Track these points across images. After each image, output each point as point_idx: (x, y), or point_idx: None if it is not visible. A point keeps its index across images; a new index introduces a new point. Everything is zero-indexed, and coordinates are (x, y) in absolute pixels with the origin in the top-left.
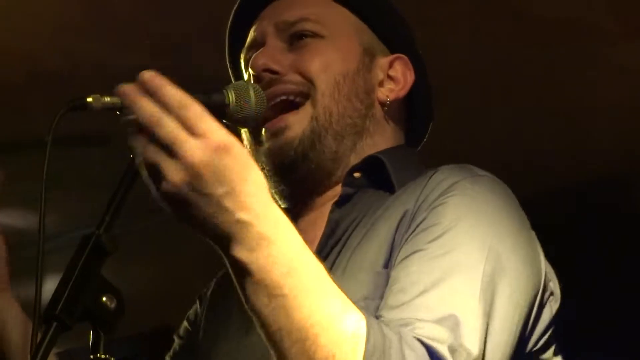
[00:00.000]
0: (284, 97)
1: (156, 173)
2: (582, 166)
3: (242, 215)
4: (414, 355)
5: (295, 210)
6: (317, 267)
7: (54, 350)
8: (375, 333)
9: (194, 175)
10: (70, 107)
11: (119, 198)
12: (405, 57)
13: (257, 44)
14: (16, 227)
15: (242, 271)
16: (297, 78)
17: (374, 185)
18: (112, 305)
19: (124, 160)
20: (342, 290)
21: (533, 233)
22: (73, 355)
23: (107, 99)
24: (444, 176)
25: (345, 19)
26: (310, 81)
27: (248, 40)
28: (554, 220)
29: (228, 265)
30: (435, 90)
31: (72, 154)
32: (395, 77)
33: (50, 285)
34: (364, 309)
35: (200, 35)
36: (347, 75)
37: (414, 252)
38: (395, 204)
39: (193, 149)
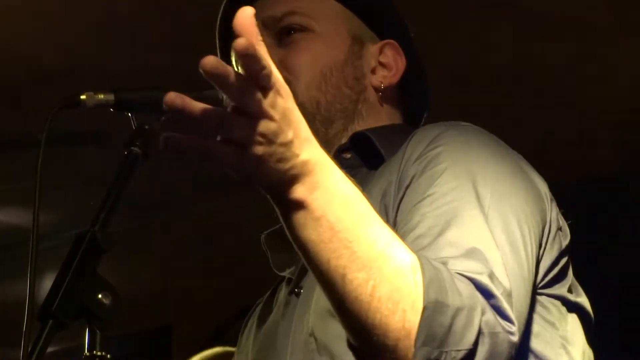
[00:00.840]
0: None
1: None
2: (582, 163)
3: (305, 156)
4: (464, 286)
5: None
6: (366, 203)
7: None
8: (429, 265)
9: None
10: (64, 105)
11: (114, 195)
12: (394, 43)
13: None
14: (14, 225)
15: (303, 211)
16: (284, 75)
17: (367, 164)
18: (108, 302)
19: (119, 157)
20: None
21: (529, 165)
22: None
23: (101, 96)
24: (425, 131)
25: (332, 9)
26: (295, 77)
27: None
28: None
29: (283, 211)
30: (436, 89)
31: (67, 152)
32: (386, 63)
33: (47, 283)
34: None
35: (202, 33)
36: (334, 67)
37: (419, 201)
38: (383, 172)
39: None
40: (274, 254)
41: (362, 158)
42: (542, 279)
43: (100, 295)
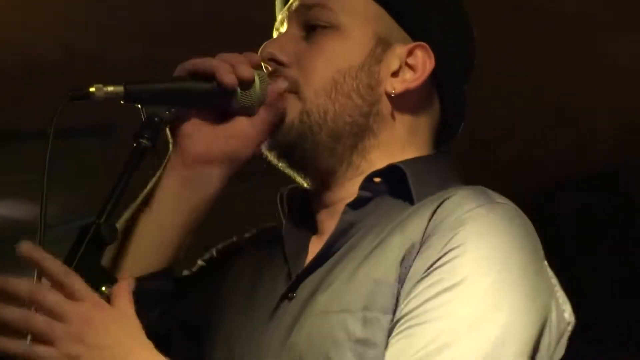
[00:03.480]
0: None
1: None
2: (580, 161)
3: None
4: None
5: (316, 199)
6: None
7: None
8: None
9: (83, 331)
10: (73, 97)
11: (121, 187)
12: (426, 45)
13: (279, 26)
14: (12, 218)
15: None
16: (293, 73)
17: (394, 193)
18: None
19: (123, 149)
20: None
21: (545, 264)
22: None
23: (110, 88)
24: (457, 201)
25: (363, 5)
26: (306, 80)
27: (279, 17)
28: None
29: None
30: None
31: (70, 144)
32: (414, 66)
33: None
34: (368, 321)
35: (201, 25)
36: (348, 72)
37: (421, 310)
38: (409, 221)
39: (78, 310)
40: (288, 239)
41: (389, 185)
42: None
43: (104, 288)
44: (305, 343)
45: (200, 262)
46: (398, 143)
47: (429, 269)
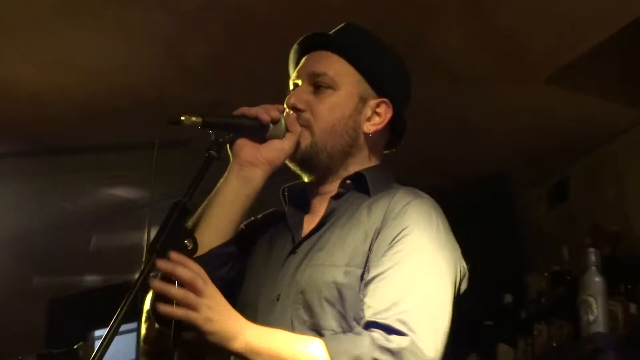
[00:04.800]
0: None
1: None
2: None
3: (234, 322)
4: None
5: (311, 189)
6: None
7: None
8: (332, 340)
9: (213, 304)
10: (171, 122)
11: (198, 179)
12: (388, 101)
13: (296, 82)
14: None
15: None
16: (307, 116)
17: (358, 189)
18: (191, 246)
19: (200, 158)
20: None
21: (452, 236)
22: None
23: (194, 118)
24: (402, 195)
25: (351, 75)
26: (315, 120)
27: (294, 75)
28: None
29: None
30: None
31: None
32: (380, 114)
33: (154, 232)
34: (347, 272)
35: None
36: (341, 120)
37: (382, 273)
38: (371, 207)
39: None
40: (290, 216)
41: (355, 185)
42: None
43: (186, 241)
44: (306, 282)
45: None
46: (365, 159)
47: (390, 242)
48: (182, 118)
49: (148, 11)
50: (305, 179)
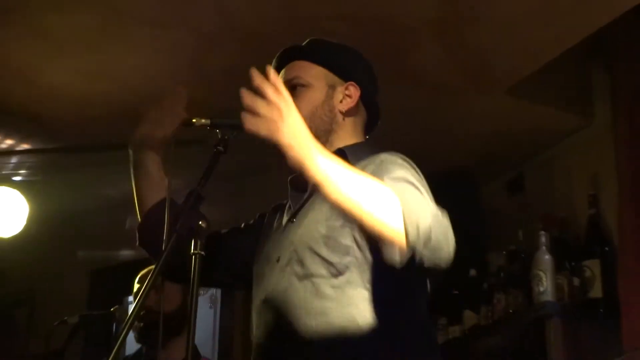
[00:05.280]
0: None
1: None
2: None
3: (311, 149)
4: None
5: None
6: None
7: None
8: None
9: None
10: (185, 124)
11: (208, 172)
12: (354, 83)
13: None
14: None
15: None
16: None
17: None
18: (204, 226)
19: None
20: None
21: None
22: None
23: (203, 120)
24: (382, 157)
25: (317, 72)
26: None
27: None
28: None
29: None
30: None
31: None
32: (350, 95)
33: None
34: (329, 226)
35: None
36: (318, 107)
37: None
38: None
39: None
40: (292, 193)
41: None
42: None
43: (201, 222)
44: (298, 240)
45: (252, 221)
46: (348, 136)
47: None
48: (194, 120)
49: (174, 31)
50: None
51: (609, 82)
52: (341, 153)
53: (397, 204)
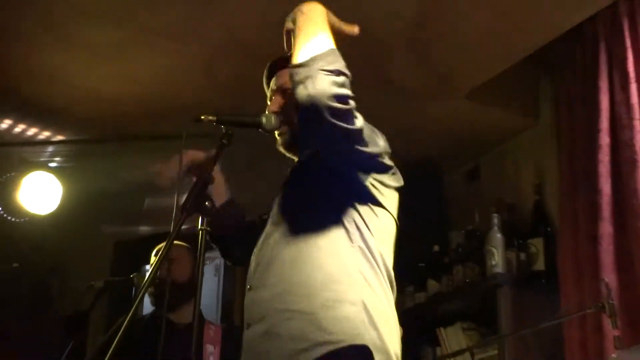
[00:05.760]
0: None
1: None
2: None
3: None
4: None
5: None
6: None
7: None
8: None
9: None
10: (194, 120)
11: (216, 160)
12: None
13: (271, 96)
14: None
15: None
16: (285, 116)
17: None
18: (210, 206)
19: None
20: None
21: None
22: None
23: (210, 117)
24: None
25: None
26: (289, 113)
27: (269, 92)
28: None
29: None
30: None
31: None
32: None
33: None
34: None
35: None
36: (289, 103)
37: None
38: None
39: None
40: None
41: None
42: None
43: (207, 203)
44: (278, 206)
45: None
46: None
47: None
48: (202, 117)
49: (190, 42)
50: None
51: (552, 89)
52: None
53: None
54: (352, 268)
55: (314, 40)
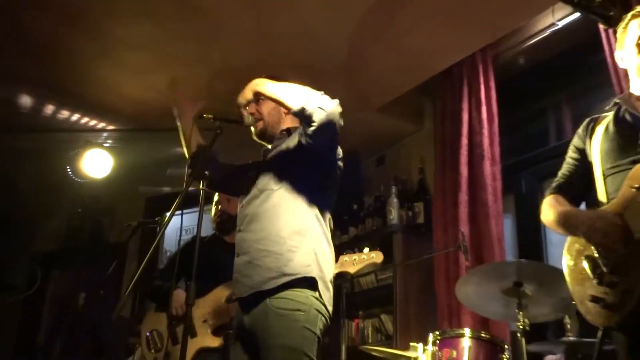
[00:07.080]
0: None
1: None
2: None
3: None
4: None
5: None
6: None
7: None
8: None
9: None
10: (198, 117)
11: (211, 145)
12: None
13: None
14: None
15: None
16: (258, 116)
17: (287, 137)
18: (208, 173)
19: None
20: None
21: None
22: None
23: (209, 115)
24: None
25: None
26: (263, 115)
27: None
28: None
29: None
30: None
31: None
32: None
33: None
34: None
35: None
36: (273, 108)
37: None
38: (290, 136)
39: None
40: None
41: (287, 133)
42: None
43: (207, 172)
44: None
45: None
46: (289, 122)
47: None
48: (204, 115)
49: (202, 48)
50: (269, 146)
51: (432, 107)
52: (287, 130)
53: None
54: (309, 225)
55: (291, 87)
